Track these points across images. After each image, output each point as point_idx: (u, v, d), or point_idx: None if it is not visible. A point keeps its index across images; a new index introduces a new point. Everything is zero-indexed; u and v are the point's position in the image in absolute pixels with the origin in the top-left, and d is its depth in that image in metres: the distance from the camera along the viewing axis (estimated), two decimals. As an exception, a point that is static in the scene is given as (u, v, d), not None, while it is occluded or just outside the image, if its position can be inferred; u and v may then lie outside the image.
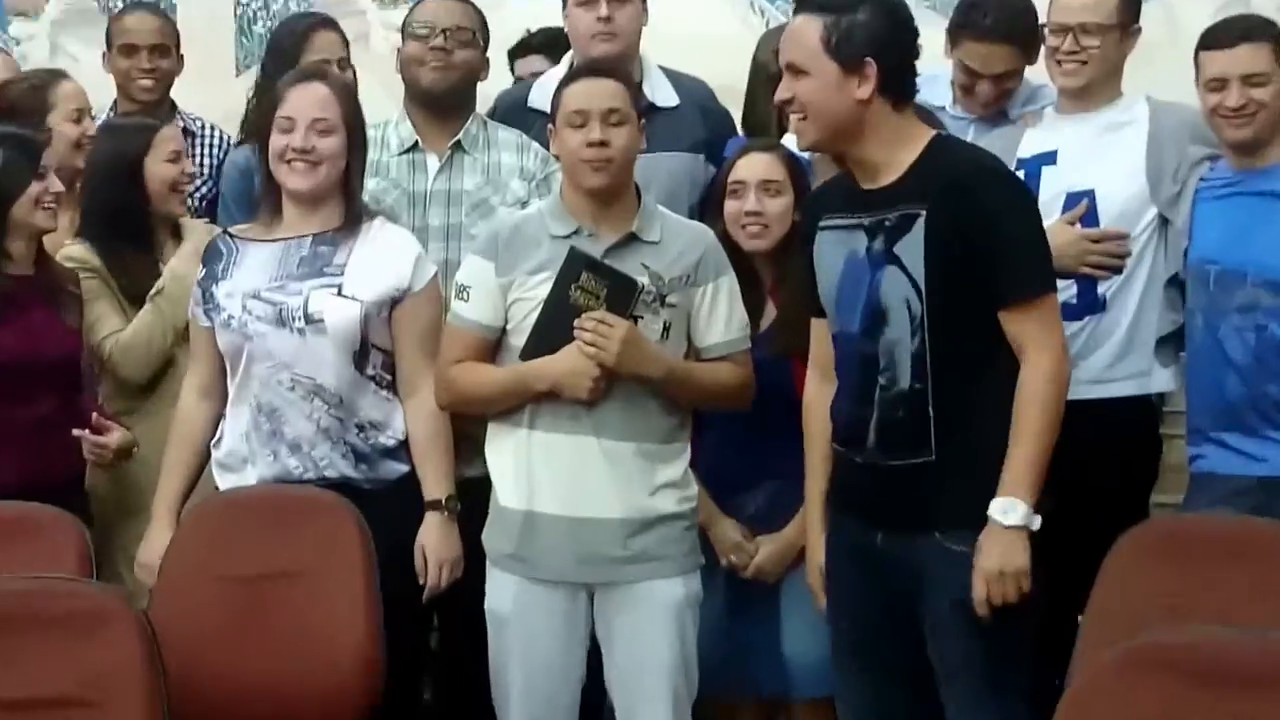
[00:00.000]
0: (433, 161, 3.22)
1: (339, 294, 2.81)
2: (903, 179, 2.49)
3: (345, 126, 2.87)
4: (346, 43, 3.54)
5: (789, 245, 2.92)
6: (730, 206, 2.99)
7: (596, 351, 2.65)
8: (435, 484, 2.87)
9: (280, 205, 2.90)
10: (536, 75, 3.68)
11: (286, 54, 3.39)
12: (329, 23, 3.54)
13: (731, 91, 3.51)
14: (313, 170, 2.85)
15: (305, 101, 2.86)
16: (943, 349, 2.45)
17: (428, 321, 2.87)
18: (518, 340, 2.73)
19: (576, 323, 2.66)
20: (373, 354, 2.85)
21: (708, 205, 3.17)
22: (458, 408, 2.83)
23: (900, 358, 2.48)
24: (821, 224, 2.60)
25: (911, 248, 2.46)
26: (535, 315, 2.70)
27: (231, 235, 2.94)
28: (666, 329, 2.73)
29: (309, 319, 2.82)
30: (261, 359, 2.84)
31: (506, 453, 2.75)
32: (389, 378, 2.89)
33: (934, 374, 2.45)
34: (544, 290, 2.70)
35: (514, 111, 3.43)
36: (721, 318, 2.77)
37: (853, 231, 2.54)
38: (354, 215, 2.89)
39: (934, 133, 2.55)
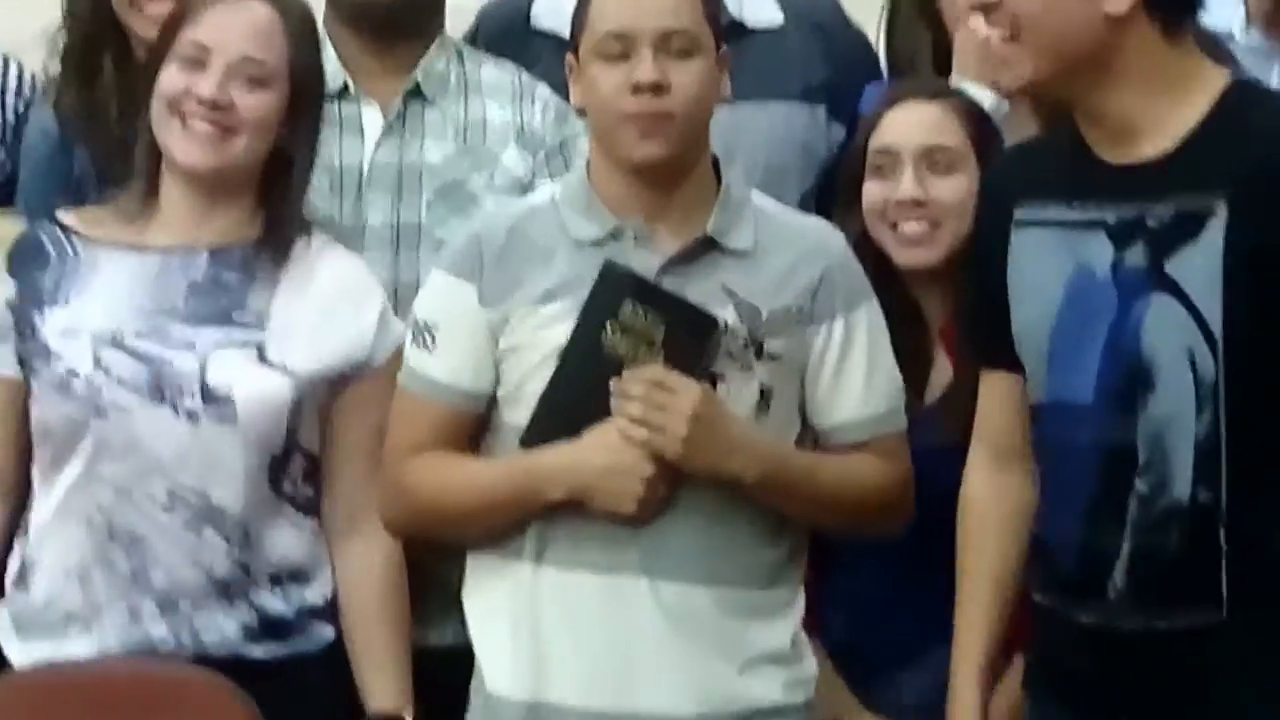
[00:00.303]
0: (373, 118, 3.22)
1: (260, 359, 2.81)
2: (1181, 151, 2.49)
3: (289, 80, 2.86)
4: None
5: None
6: (873, 191, 3.01)
7: (650, 435, 2.60)
8: (386, 685, 2.87)
9: (156, 189, 2.89)
10: None
11: None
12: None
13: (872, 6, 3.57)
14: (225, 139, 2.82)
15: (231, 26, 2.85)
16: (1250, 437, 2.45)
17: (382, 415, 2.86)
18: (515, 415, 2.70)
19: (616, 385, 2.61)
20: (294, 460, 2.86)
21: (834, 189, 3.20)
22: (417, 528, 2.82)
23: (1175, 449, 2.46)
24: (1020, 215, 2.60)
25: (1199, 266, 2.45)
26: (546, 373, 2.65)
27: (64, 228, 2.93)
28: (765, 397, 2.69)
29: (208, 395, 2.79)
30: (118, 451, 2.80)
31: (499, 605, 2.73)
32: (312, 497, 2.89)
33: (1232, 478, 2.45)
34: (561, 332, 2.66)
35: (508, 35, 3.46)
36: (857, 378, 2.74)
37: (1085, 232, 2.54)
38: (283, 226, 2.89)
39: (1229, 78, 2.56)
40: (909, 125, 3.00)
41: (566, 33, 2.82)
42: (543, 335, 2.65)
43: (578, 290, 2.63)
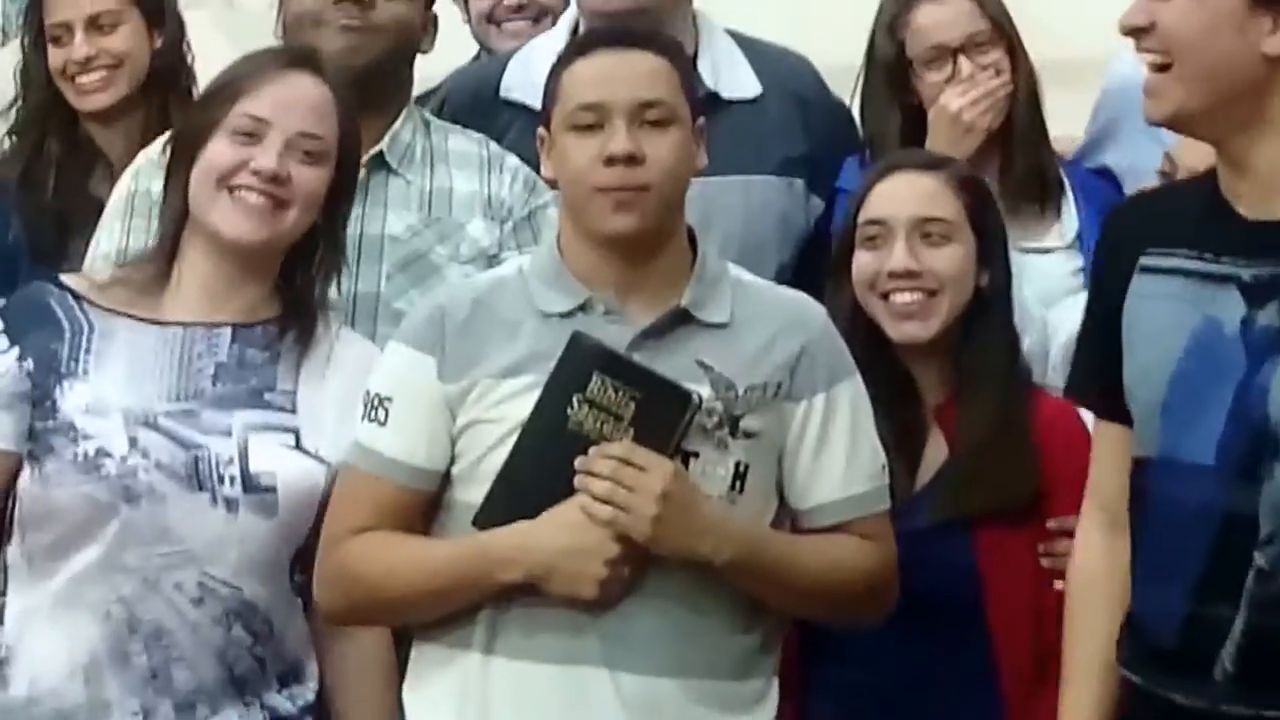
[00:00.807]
0: None
1: (297, 446, 2.80)
2: None
3: (338, 157, 2.87)
4: None
5: (972, 329, 2.96)
6: (865, 262, 3.00)
7: (615, 514, 2.55)
8: None
9: (170, 267, 2.86)
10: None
11: None
12: None
13: (853, 75, 3.56)
14: (277, 212, 2.81)
15: (290, 100, 2.85)
16: None
17: None
18: (470, 494, 2.66)
19: (581, 462, 2.58)
20: (308, 552, 2.82)
21: (814, 263, 3.23)
22: (358, 614, 2.77)
23: None
24: (1146, 260, 2.57)
25: None
26: (506, 450, 2.62)
27: (71, 292, 2.87)
28: (740, 475, 2.65)
29: (250, 483, 2.76)
30: (147, 539, 2.75)
31: (443, 700, 2.69)
32: (306, 587, 2.83)
33: None
34: (524, 406, 2.62)
35: (477, 105, 3.47)
36: (838, 456, 2.71)
37: (1216, 285, 2.50)
38: (310, 306, 2.88)
39: None
40: (901, 196, 3.00)
41: (536, 104, 2.84)
42: (504, 410, 2.62)
43: (544, 364, 2.60)
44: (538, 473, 2.59)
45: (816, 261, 3.36)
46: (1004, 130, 3.39)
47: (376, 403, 2.70)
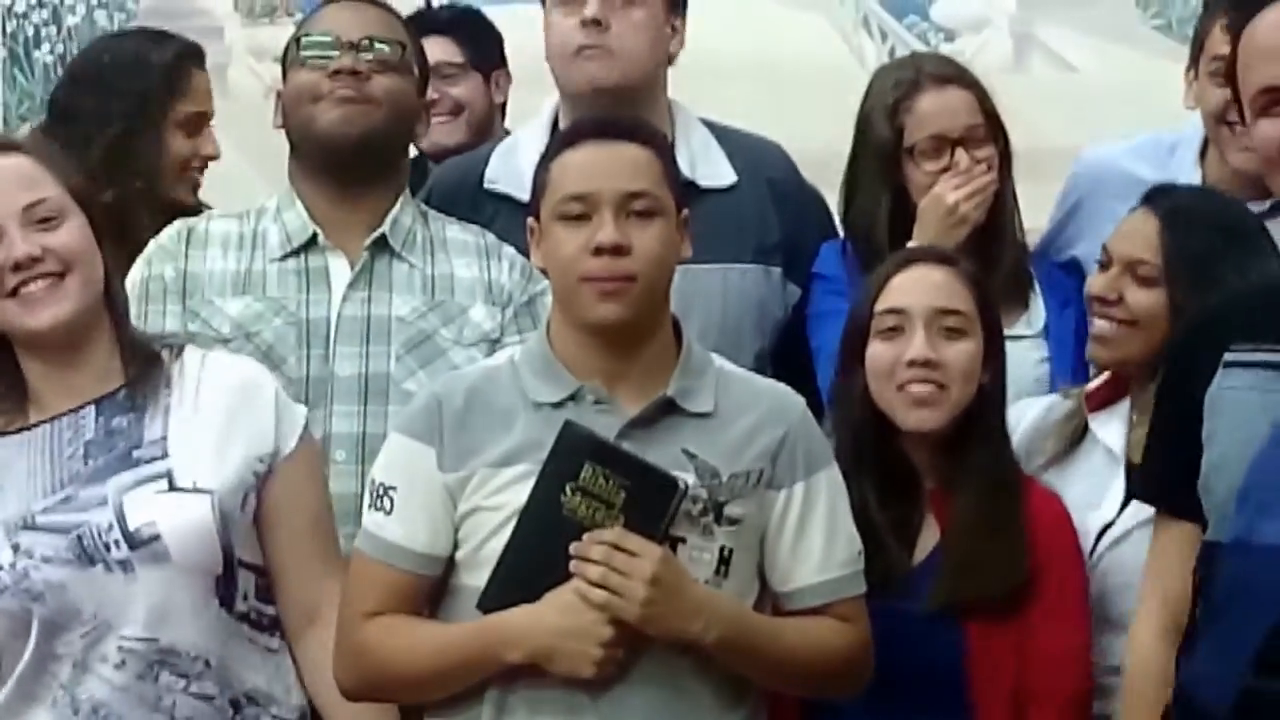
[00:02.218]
0: (340, 268, 3.20)
1: (171, 488, 2.73)
2: None
3: (78, 203, 2.77)
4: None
5: (970, 423, 2.94)
6: (882, 352, 2.96)
7: (608, 597, 2.56)
8: None
9: (18, 378, 2.79)
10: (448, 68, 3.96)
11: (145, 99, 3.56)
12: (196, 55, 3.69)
13: (825, 164, 3.52)
14: (61, 284, 2.74)
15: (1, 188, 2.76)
16: None
17: (315, 499, 2.85)
18: (474, 578, 2.65)
19: (575, 548, 2.58)
20: (241, 576, 2.79)
21: (792, 350, 3.24)
22: (375, 692, 2.75)
23: None
24: (1230, 356, 2.50)
25: None
26: (505, 536, 2.62)
27: None
28: (725, 560, 2.65)
29: (133, 540, 2.70)
30: (65, 626, 2.72)
31: None
32: (269, 613, 2.82)
33: None
34: (521, 494, 2.62)
35: (461, 196, 3.44)
36: (816, 542, 2.70)
37: None
38: (141, 352, 2.81)
39: None
40: (921, 287, 2.95)
41: (519, 194, 2.82)
42: (502, 498, 2.62)
43: (537, 453, 2.60)
44: (535, 558, 2.59)
45: (793, 347, 3.34)
46: (986, 225, 3.33)
47: (381, 491, 2.69)
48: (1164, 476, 2.61)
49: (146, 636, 2.72)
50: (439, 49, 4.11)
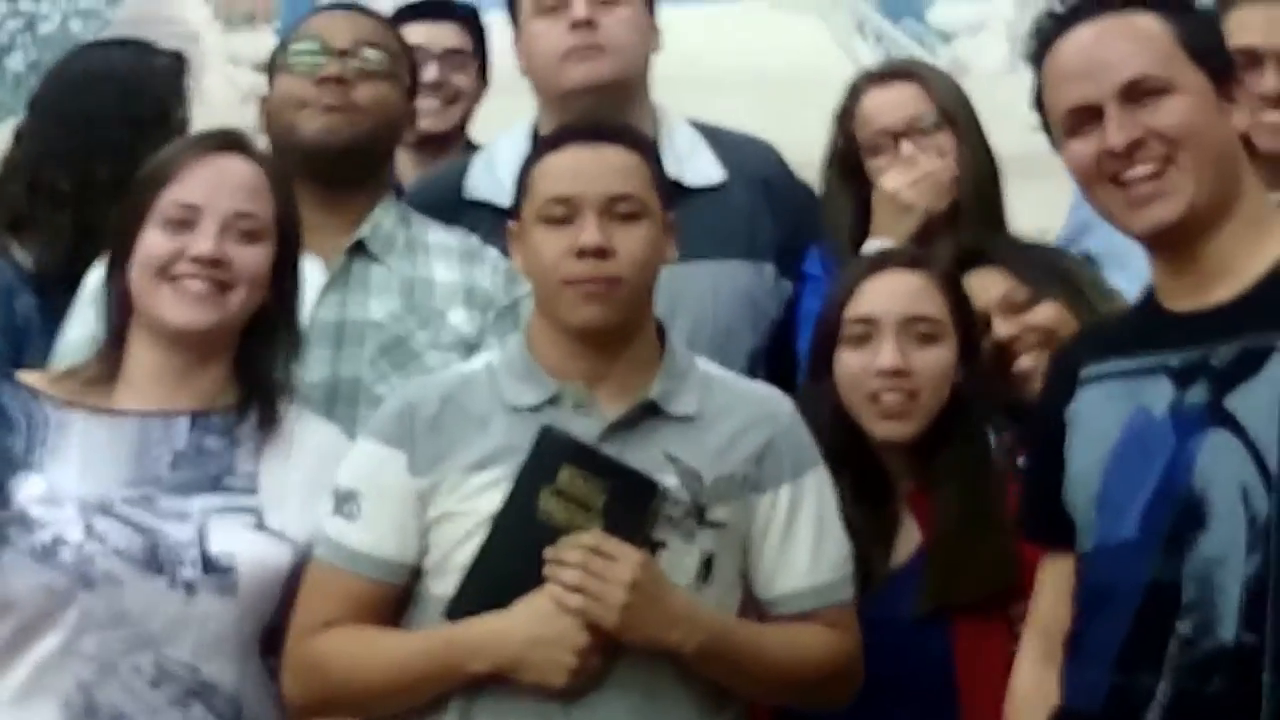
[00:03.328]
0: (315, 272, 3.16)
1: (259, 527, 2.76)
2: (1251, 294, 2.47)
3: (277, 233, 2.85)
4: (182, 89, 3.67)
5: (946, 429, 2.94)
6: (851, 361, 2.98)
7: (585, 603, 2.56)
8: None
9: (119, 358, 2.83)
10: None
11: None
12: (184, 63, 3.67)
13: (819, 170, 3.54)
14: (222, 295, 2.79)
15: (219, 182, 2.82)
16: None
17: None
18: (441, 586, 2.66)
19: (551, 552, 2.58)
20: (280, 632, 2.77)
21: (786, 351, 3.23)
22: (327, 708, 2.71)
23: (1223, 588, 2.39)
24: (1084, 374, 2.58)
25: (1259, 400, 2.40)
26: (476, 543, 2.62)
27: (26, 388, 2.84)
28: (708, 565, 2.66)
29: (209, 565, 2.72)
30: (104, 624, 2.71)
31: None
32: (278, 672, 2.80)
33: (1278, 620, 2.36)
34: (494, 499, 2.62)
35: (440, 205, 3.43)
36: (804, 547, 2.71)
37: (1147, 379, 2.51)
38: (269, 390, 2.85)
39: None
40: (890, 294, 2.97)
41: (500, 201, 2.83)
42: (474, 503, 2.62)
43: (513, 457, 2.61)
44: (509, 563, 2.59)
45: (787, 346, 3.34)
46: (954, 215, 3.36)
47: (347, 497, 2.69)
48: (1037, 509, 2.66)
49: (190, 663, 2.71)
50: (453, 35, 4.21)
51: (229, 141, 2.89)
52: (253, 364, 2.84)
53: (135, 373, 2.81)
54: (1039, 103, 2.58)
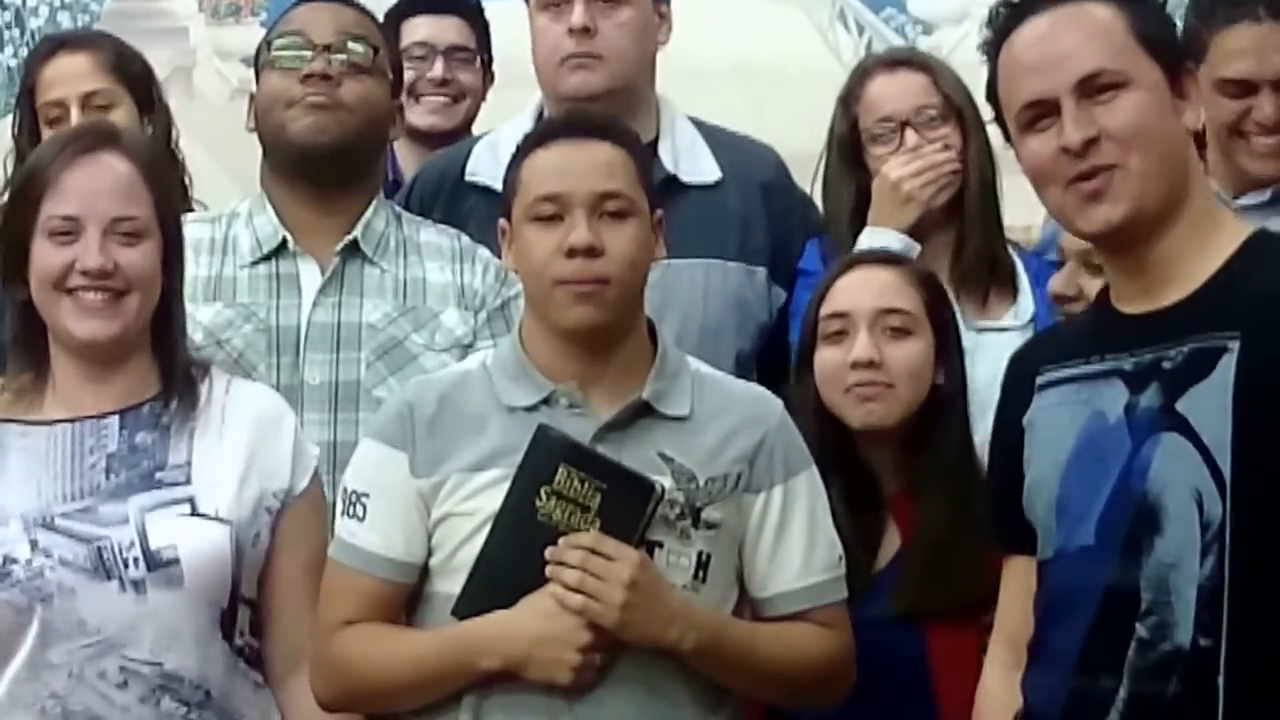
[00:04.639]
0: (311, 274, 3.19)
1: (193, 514, 2.75)
2: (1202, 293, 2.44)
3: (160, 228, 2.80)
4: (152, 82, 3.62)
5: (928, 425, 2.93)
6: (827, 357, 2.98)
7: (585, 602, 2.56)
8: None
9: (45, 366, 2.81)
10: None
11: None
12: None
13: (800, 159, 3.53)
14: (118, 302, 2.76)
15: (93, 189, 2.76)
16: (1256, 580, 2.34)
17: (316, 544, 2.81)
18: (448, 585, 2.66)
19: (551, 553, 2.58)
20: (240, 611, 2.79)
21: (779, 355, 3.21)
22: (350, 702, 2.74)
23: (1178, 592, 2.37)
24: (1041, 379, 2.55)
25: (1210, 403, 2.37)
26: (479, 542, 2.62)
27: None
28: (703, 565, 2.65)
29: (153, 561, 2.71)
30: (66, 634, 2.70)
31: None
32: (257, 648, 2.83)
33: (1234, 623, 2.34)
34: (494, 499, 2.63)
35: (442, 187, 3.45)
36: (796, 547, 2.71)
37: (1102, 381, 2.49)
38: (179, 373, 2.82)
39: (1249, 226, 2.51)
40: (863, 288, 2.98)
41: (499, 186, 2.81)
42: (476, 503, 2.63)
43: (511, 457, 2.60)
44: (511, 563, 2.59)
45: (779, 351, 3.33)
46: (957, 209, 3.35)
47: (354, 499, 2.69)
48: (1000, 514, 2.64)
49: (152, 660, 2.71)
50: (456, 31, 4.21)
51: (98, 139, 2.84)
52: (165, 351, 2.82)
53: (61, 380, 2.79)
54: (992, 95, 2.57)
